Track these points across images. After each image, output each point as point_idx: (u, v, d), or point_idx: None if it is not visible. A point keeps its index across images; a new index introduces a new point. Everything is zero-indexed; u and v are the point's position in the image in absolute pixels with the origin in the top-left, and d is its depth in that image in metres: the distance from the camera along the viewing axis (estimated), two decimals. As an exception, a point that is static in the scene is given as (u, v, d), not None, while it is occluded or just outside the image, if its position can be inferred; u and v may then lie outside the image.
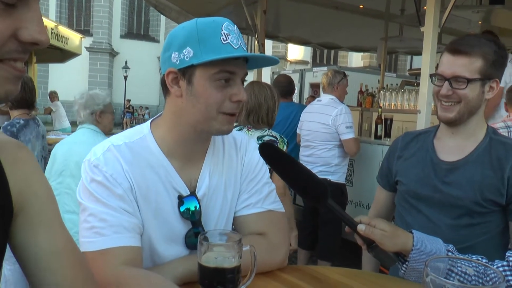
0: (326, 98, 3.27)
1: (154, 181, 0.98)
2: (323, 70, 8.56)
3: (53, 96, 8.54)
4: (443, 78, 1.25)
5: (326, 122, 3.13)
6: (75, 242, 0.73)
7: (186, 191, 1.01)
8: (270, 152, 1.01)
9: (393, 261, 1.06)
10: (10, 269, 2.32)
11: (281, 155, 1.01)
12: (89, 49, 23.60)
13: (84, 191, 0.94)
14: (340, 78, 3.29)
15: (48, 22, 7.23)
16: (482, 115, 1.31)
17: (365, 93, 5.39)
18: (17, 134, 2.51)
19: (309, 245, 3.38)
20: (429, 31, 2.94)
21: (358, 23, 5.63)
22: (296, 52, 23.55)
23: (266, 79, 5.81)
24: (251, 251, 0.89)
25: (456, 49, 1.23)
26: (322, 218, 3.20)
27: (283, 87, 3.70)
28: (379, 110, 3.84)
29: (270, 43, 17.44)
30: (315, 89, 8.92)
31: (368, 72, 10.30)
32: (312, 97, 7.00)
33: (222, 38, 0.91)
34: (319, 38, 7.11)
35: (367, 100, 5.00)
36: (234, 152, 1.11)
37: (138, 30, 27.77)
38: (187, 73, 0.94)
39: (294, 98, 6.10)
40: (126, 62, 23.97)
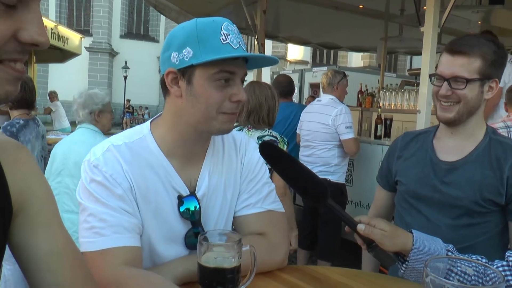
0: (326, 98, 3.27)
1: (154, 181, 0.98)
2: (323, 70, 8.55)
3: (52, 96, 8.55)
4: (442, 78, 1.25)
5: (326, 122, 3.13)
6: (75, 242, 0.73)
7: (185, 191, 1.01)
8: (270, 151, 1.01)
9: (392, 261, 1.06)
10: (10, 269, 2.32)
11: (281, 155, 1.01)
12: (88, 49, 23.60)
13: (83, 191, 0.94)
14: (340, 78, 3.29)
15: (47, 22, 7.23)
16: (482, 115, 1.31)
17: (364, 93, 5.39)
18: (17, 134, 2.51)
19: (308, 245, 3.38)
20: (428, 31, 2.94)
21: (357, 23, 5.63)
22: (295, 52, 23.52)
23: (266, 79, 5.80)
24: (251, 251, 0.89)
25: (455, 49, 1.23)
26: (322, 218, 3.20)
27: (283, 87, 3.70)
28: (379, 110, 3.83)
29: (269, 43, 17.43)
30: (315, 89, 8.91)
31: (368, 72, 10.29)
32: (312, 97, 6.99)
33: (222, 38, 0.91)
34: (319, 38, 7.11)
35: (367, 100, 5.00)
36: (233, 152, 1.11)
37: (138, 30, 27.76)
38: (187, 73, 0.94)
39: (294, 98, 6.10)
40: (125, 62, 23.94)
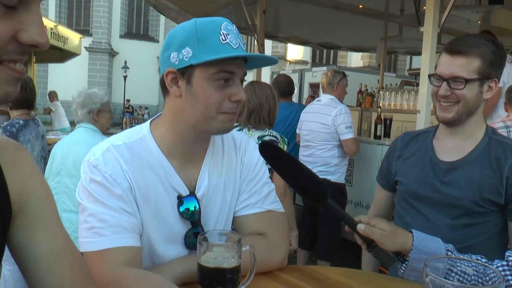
0: (326, 98, 3.27)
1: (154, 181, 0.98)
2: (323, 70, 8.55)
3: (52, 96, 8.55)
4: (441, 79, 1.24)
5: (326, 122, 3.13)
6: (74, 242, 0.73)
7: (185, 191, 1.01)
8: (270, 151, 1.01)
9: (392, 260, 1.06)
10: (9, 269, 2.32)
11: (281, 154, 1.01)
12: (88, 49, 23.59)
13: (83, 191, 0.94)
14: (339, 78, 3.29)
15: (47, 22, 7.22)
16: (481, 115, 1.31)
17: (364, 93, 5.39)
18: (16, 134, 2.51)
19: (308, 245, 3.38)
20: (428, 31, 2.94)
21: (357, 23, 5.63)
22: (295, 52, 23.52)
23: (266, 79, 5.80)
24: (251, 251, 0.89)
25: (454, 49, 1.23)
26: (322, 217, 3.20)
27: (283, 87, 3.70)
28: (379, 110, 3.83)
29: (269, 43, 17.43)
30: (315, 89, 8.91)
31: (367, 72, 10.29)
32: (311, 97, 6.99)
33: (221, 38, 0.91)
34: (319, 38, 7.11)
35: (367, 100, 5.00)
36: (233, 152, 1.11)
37: (138, 30, 27.75)
38: (186, 73, 0.94)
39: (294, 98, 6.10)
40: (125, 62, 23.93)
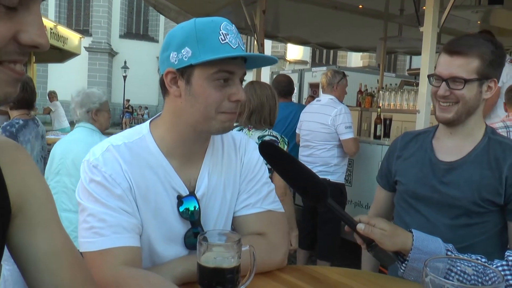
0: (326, 98, 3.27)
1: (153, 181, 0.98)
2: (322, 70, 8.55)
3: (52, 96, 8.56)
4: (441, 79, 1.24)
5: (326, 122, 3.13)
6: (73, 242, 0.73)
7: (185, 191, 1.01)
8: (270, 151, 1.01)
9: (392, 260, 1.06)
10: (9, 269, 2.32)
11: (281, 154, 1.01)
12: (88, 49, 23.58)
13: (83, 191, 0.94)
14: (339, 78, 3.29)
15: (47, 22, 7.22)
16: (481, 115, 1.31)
17: (364, 93, 5.38)
18: (16, 134, 2.51)
19: (308, 245, 3.38)
20: (428, 31, 2.94)
21: (357, 23, 5.63)
22: (295, 52, 23.52)
23: (266, 79, 5.80)
24: (251, 251, 0.89)
25: (453, 49, 1.22)
26: (321, 217, 3.20)
27: (283, 87, 3.70)
28: (378, 110, 3.83)
29: (269, 43, 17.43)
30: (314, 89, 8.91)
31: (367, 72, 10.29)
32: (311, 97, 7.00)
33: (221, 38, 0.91)
34: (318, 38, 7.11)
35: (366, 100, 5.00)
36: (233, 152, 1.11)
37: (137, 30, 27.74)
38: (186, 73, 0.94)
39: (293, 98, 6.10)
40: (125, 62, 23.93)
